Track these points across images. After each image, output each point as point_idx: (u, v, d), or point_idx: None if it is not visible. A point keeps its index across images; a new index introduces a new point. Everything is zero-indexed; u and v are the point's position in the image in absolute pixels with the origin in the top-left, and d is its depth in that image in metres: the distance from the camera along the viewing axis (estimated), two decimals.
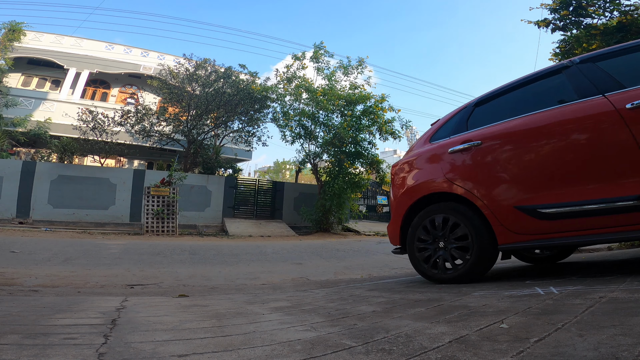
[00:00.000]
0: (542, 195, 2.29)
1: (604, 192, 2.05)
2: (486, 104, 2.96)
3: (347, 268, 4.74)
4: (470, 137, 2.73)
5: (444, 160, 2.84)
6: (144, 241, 7.05)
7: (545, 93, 2.66)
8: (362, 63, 12.70)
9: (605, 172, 2.10)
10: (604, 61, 2.39)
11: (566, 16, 5.93)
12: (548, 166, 2.33)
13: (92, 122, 12.67)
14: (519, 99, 2.76)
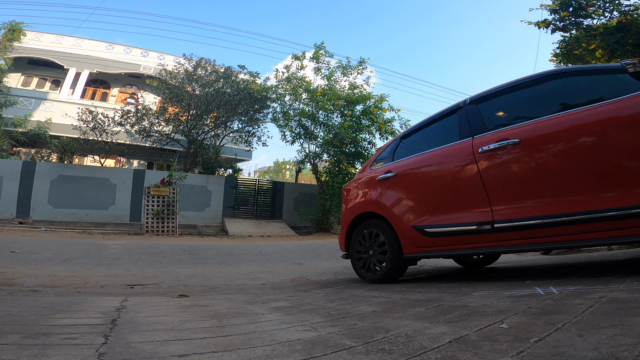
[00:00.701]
0: (427, 218, 2.89)
1: (461, 219, 2.64)
2: (407, 138, 3.55)
3: (347, 268, 4.74)
4: (390, 168, 3.35)
5: (375, 185, 3.45)
6: (144, 241, 7.05)
7: (442, 132, 3.18)
8: (362, 63, 12.71)
9: (463, 203, 2.67)
10: (483, 103, 2.85)
11: (566, 17, 5.93)
12: (431, 196, 2.95)
13: (92, 122, 12.66)
14: (426, 136, 3.36)
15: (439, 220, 2.79)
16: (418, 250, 2.94)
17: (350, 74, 12.70)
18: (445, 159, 2.89)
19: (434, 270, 4.52)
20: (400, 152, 3.47)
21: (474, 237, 2.59)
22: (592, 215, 2.03)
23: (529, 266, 4.06)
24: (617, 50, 5.66)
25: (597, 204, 2.02)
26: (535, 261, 4.90)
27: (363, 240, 3.43)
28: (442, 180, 2.88)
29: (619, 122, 2.07)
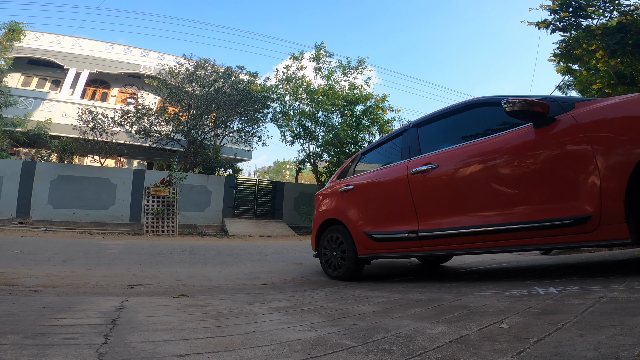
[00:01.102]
0: (374, 226, 3.38)
1: (398, 228, 3.13)
2: (366, 155, 4.06)
3: None
4: (349, 181, 3.87)
5: (338, 196, 3.96)
6: (144, 241, 7.05)
7: (391, 151, 3.61)
8: (362, 63, 12.70)
9: (399, 215, 3.15)
10: (422, 127, 3.29)
11: (566, 17, 5.93)
12: (378, 208, 3.44)
13: (92, 122, 12.66)
14: (379, 154, 3.86)
15: (383, 228, 3.30)
16: (369, 252, 3.44)
17: (350, 74, 12.70)
18: (388, 177, 3.38)
19: (434, 270, 4.52)
20: (359, 167, 4.00)
21: (406, 243, 3.08)
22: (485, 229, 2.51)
23: (529, 266, 4.06)
24: (617, 51, 5.66)
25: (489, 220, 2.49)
26: (535, 261, 4.90)
27: (328, 243, 3.97)
28: (386, 195, 3.38)
29: (503, 153, 2.49)
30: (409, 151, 3.25)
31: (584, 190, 2.08)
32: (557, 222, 2.16)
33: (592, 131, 2.11)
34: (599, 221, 2.01)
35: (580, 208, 2.08)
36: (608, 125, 2.09)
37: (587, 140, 2.10)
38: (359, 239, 3.50)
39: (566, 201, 2.15)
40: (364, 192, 3.64)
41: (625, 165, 1.93)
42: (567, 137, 2.20)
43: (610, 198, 1.97)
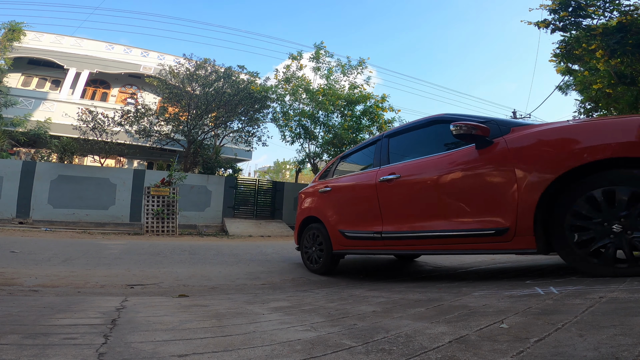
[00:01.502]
0: (347, 225, 3.73)
1: (366, 228, 3.46)
2: (344, 159, 4.46)
3: (347, 268, 4.74)
4: (328, 183, 4.22)
5: (318, 196, 4.30)
6: (144, 241, 7.05)
7: (366, 158, 3.92)
8: (362, 63, 12.70)
9: (368, 216, 3.46)
10: (393, 138, 3.60)
11: (566, 17, 5.93)
12: (351, 209, 3.77)
13: (92, 122, 12.65)
14: (355, 160, 4.26)
15: (355, 228, 3.64)
16: (342, 248, 3.80)
17: (350, 74, 12.70)
18: (361, 182, 3.71)
19: (434, 270, 4.52)
20: (338, 169, 4.39)
21: (372, 242, 3.42)
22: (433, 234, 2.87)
23: (529, 266, 4.06)
24: (617, 51, 5.65)
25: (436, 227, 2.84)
26: (535, 261, 4.89)
27: (308, 240, 4.39)
28: (358, 198, 3.71)
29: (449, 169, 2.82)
30: (379, 160, 3.59)
31: (505, 207, 2.40)
32: (485, 231, 2.51)
33: (516, 155, 2.41)
34: (515, 233, 2.35)
35: (502, 221, 2.42)
36: (527, 151, 2.39)
37: (512, 163, 2.41)
38: (334, 236, 3.88)
39: (493, 215, 2.49)
40: (340, 194, 4.01)
41: (536, 187, 2.26)
42: (498, 159, 2.50)
43: (524, 214, 2.30)
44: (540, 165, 2.28)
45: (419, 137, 3.40)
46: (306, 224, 4.47)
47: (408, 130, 3.53)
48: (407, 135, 3.53)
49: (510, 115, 21.85)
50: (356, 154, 4.27)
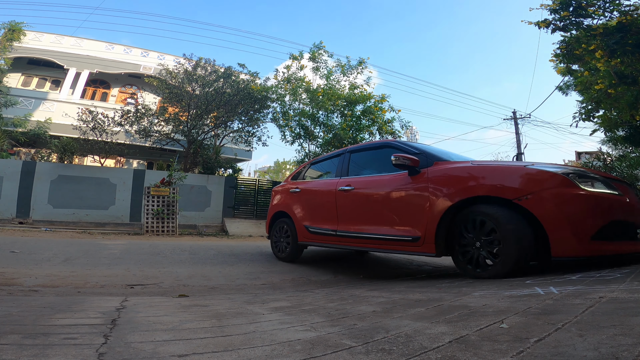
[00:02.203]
0: (311, 222, 4.49)
1: (326, 226, 4.24)
2: (313, 165, 5.21)
3: (347, 268, 4.74)
4: (298, 185, 4.98)
5: (289, 194, 5.03)
6: (144, 241, 7.04)
7: (331, 167, 4.68)
8: (362, 63, 12.70)
9: (328, 217, 4.23)
10: (354, 154, 4.40)
11: (566, 17, 5.92)
12: (315, 209, 4.51)
13: (92, 122, 12.65)
14: (323, 167, 5.00)
15: (317, 225, 4.39)
16: (305, 240, 4.58)
17: (350, 74, 12.69)
18: (325, 188, 4.44)
19: (434, 270, 4.52)
20: (308, 173, 5.14)
21: (329, 238, 4.19)
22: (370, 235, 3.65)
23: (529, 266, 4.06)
24: (617, 51, 5.65)
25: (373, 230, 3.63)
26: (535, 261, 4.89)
27: (277, 232, 5.15)
28: (321, 200, 4.42)
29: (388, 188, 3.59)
30: (341, 171, 4.37)
31: (421, 221, 3.19)
32: (406, 238, 3.30)
33: (432, 183, 3.20)
34: (424, 241, 3.15)
35: (417, 232, 3.22)
36: (439, 181, 3.18)
37: (428, 190, 3.20)
38: (300, 230, 4.65)
39: (412, 226, 3.28)
40: (307, 195, 4.74)
41: (440, 209, 3.05)
42: (421, 185, 3.28)
43: (430, 228, 3.09)
44: (444, 194, 3.08)
45: (372, 156, 4.27)
46: (277, 217, 5.21)
47: (365, 149, 4.44)
48: (364, 153, 4.40)
49: (510, 116, 21.90)
50: (324, 162, 5.06)
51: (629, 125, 9.06)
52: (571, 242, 2.53)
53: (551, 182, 2.68)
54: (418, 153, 3.48)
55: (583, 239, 2.54)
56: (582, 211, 2.59)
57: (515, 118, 21.58)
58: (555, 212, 2.58)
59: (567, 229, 2.55)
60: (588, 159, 19.28)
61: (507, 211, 2.72)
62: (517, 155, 20.87)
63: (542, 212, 2.60)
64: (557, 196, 2.61)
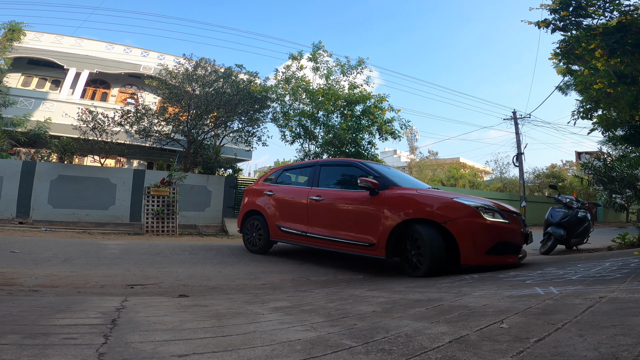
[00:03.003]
0: (283, 222, 5.18)
1: (297, 227, 4.96)
2: (287, 171, 5.96)
3: (347, 268, 4.74)
4: (272, 188, 5.59)
5: (263, 195, 5.63)
6: (144, 241, 7.04)
7: (303, 175, 5.52)
8: (361, 63, 12.68)
9: (300, 220, 4.97)
10: (323, 167, 5.18)
11: (566, 16, 5.91)
12: (288, 211, 5.20)
13: (92, 122, 12.63)
14: (295, 174, 5.83)
15: (289, 225, 5.09)
16: (277, 237, 5.30)
17: (350, 74, 12.68)
18: (297, 194, 5.19)
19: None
20: (281, 178, 5.82)
21: (299, 237, 4.96)
22: (335, 239, 4.50)
23: (529, 266, 4.06)
24: (617, 51, 5.65)
25: (338, 235, 4.48)
26: (536, 261, 4.89)
27: (250, 227, 5.76)
28: (294, 205, 5.14)
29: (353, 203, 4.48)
30: (312, 182, 5.09)
31: (376, 231, 4.07)
32: (364, 243, 4.18)
33: (387, 203, 4.09)
34: (377, 246, 4.04)
35: (373, 239, 4.09)
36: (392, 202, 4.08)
37: (384, 208, 4.09)
38: (272, 228, 5.30)
39: (370, 234, 4.14)
40: (281, 198, 5.37)
41: (391, 224, 3.96)
42: (379, 203, 4.15)
43: (383, 237, 3.98)
44: (394, 213, 3.99)
45: (340, 171, 5.11)
46: (249, 215, 5.79)
47: (334, 165, 5.34)
48: (333, 168, 5.21)
49: (510, 116, 21.90)
50: (296, 170, 5.95)
51: (628, 125, 9.06)
52: (473, 255, 3.59)
53: (465, 212, 3.72)
54: (378, 177, 4.37)
55: (480, 253, 3.61)
56: (481, 233, 3.64)
57: (515, 118, 21.57)
58: (465, 233, 3.62)
59: (471, 246, 3.59)
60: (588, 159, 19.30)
61: (431, 230, 3.69)
62: (517, 155, 20.86)
63: (458, 233, 3.61)
64: (468, 222, 3.65)
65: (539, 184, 27.95)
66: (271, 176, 5.95)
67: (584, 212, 6.29)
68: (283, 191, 5.45)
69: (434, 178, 28.52)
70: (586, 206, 7.23)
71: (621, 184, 8.49)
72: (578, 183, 19.71)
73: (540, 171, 28.59)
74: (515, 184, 25.72)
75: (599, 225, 15.58)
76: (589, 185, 10.65)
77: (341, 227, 4.48)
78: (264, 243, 5.46)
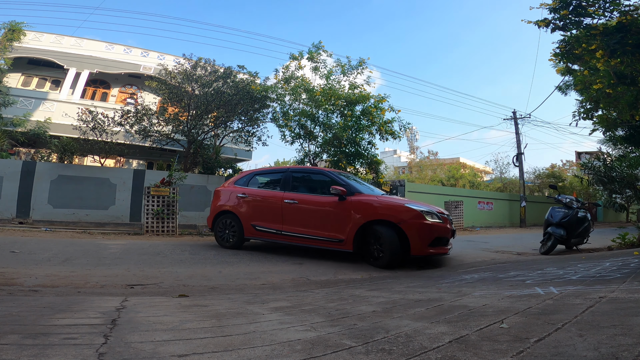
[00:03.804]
0: (258, 222, 5.80)
1: (272, 226, 5.63)
2: (258, 176, 6.55)
3: (347, 268, 4.74)
4: (245, 191, 6.16)
5: (236, 197, 6.17)
6: (144, 241, 7.04)
7: (275, 180, 6.18)
8: (362, 63, 12.67)
9: (275, 220, 5.63)
10: (294, 174, 6.00)
11: (566, 16, 5.91)
12: (263, 212, 5.84)
13: (92, 122, 12.62)
14: (267, 179, 6.45)
15: (264, 224, 5.74)
16: (251, 235, 5.91)
17: (350, 74, 12.66)
18: (272, 197, 5.84)
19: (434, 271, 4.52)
20: (252, 182, 6.38)
21: (274, 235, 5.64)
22: (308, 236, 5.30)
23: (529, 266, 4.06)
24: (617, 51, 5.65)
25: (310, 232, 5.28)
26: (536, 261, 4.89)
27: (222, 226, 6.21)
28: (269, 206, 5.80)
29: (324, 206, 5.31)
30: (285, 187, 5.79)
31: (345, 229, 4.99)
32: (334, 240, 5.09)
33: (353, 207, 5.00)
34: (345, 242, 4.95)
35: (342, 236, 5.00)
36: (357, 206, 5.01)
37: (351, 211, 5.00)
38: (246, 227, 5.90)
39: (339, 232, 5.04)
40: (255, 201, 5.99)
41: (357, 224, 4.88)
42: (346, 207, 5.05)
43: (350, 234, 4.90)
44: (359, 215, 4.93)
45: (310, 178, 6.02)
46: (221, 214, 6.26)
47: (305, 172, 6.31)
48: (304, 175, 6.12)
49: (510, 116, 21.90)
50: (268, 175, 6.63)
51: (628, 125, 9.06)
52: (419, 247, 4.66)
53: (413, 214, 4.77)
54: (345, 185, 5.25)
55: (425, 246, 4.70)
56: (425, 231, 4.72)
57: (515, 118, 21.57)
58: (414, 231, 4.66)
59: (418, 240, 4.67)
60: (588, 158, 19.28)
61: (389, 230, 4.71)
62: (517, 155, 20.84)
63: (408, 231, 4.65)
64: (416, 223, 4.71)
65: (539, 184, 27.95)
66: (241, 180, 6.50)
67: (584, 212, 6.29)
68: (257, 194, 6.02)
69: (434, 178, 28.51)
70: (586, 206, 7.23)
71: (621, 184, 8.48)
72: (578, 183, 19.72)
73: (540, 171, 28.60)
74: (515, 184, 25.71)
75: (599, 225, 15.58)
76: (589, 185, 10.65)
77: (314, 227, 5.27)
78: (237, 240, 6.00)
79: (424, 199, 15.95)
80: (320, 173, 5.87)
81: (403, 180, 16.99)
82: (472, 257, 5.81)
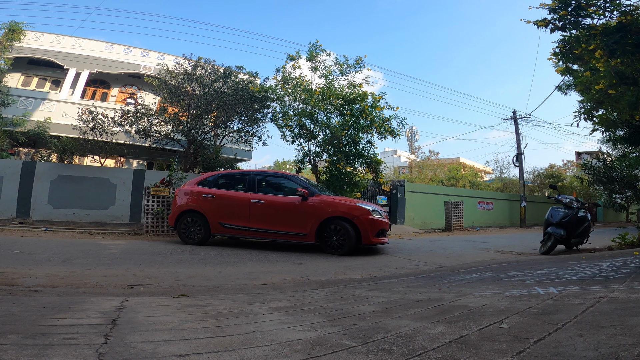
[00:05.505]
0: (226, 220, 6.36)
1: (240, 223, 6.32)
2: (222, 177, 7.14)
3: (347, 268, 4.74)
4: (211, 192, 6.62)
5: (201, 197, 6.63)
6: (144, 241, 7.04)
7: (240, 182, 6.77)
8: (359, 62, 12.66)
9: (242, 218, 6.30)
10: (257, 177, 6.73)
11: (565, 16, 5.90)
12: (230, 210, 6.40)
13: (92, 122, 12.62)
14: (233, 181, 6.96)
15: (231, 222, 6.34)
16: (218, 232, 6.46)
17: (349, 73, 12.65)
18: (239, 197, 6.43)
19: (434, 270, 4.52)
20: (217, 184, 6.82)
21: (242, 231, 6.31)
22: (273, 231, 6.16)
23: (529, 266, 4.06)
24: (617, 51, 5.64)
25: (276, 228, 6.14)
26: (536, 261, 4.89)
27: (186, 223, 6.61)
28: (236, 205, 6.38)
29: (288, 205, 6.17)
30: (251, 188, 6.47)
31: (308, 225, 5.91)
32: (299, 233, 5.97)
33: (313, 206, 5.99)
34: (308, 235, 5.91)
35: (305, 229, 5.92)
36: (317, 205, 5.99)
37: (312, 209, 5.97)
38: (213, 225, 6.42)
39: (302, 227, 5.94)
40: (222, 200, 6.48)
41: (317, 219, 5.90)
42: (308, 206, 5.97)
43: (312, 229, 5.89)
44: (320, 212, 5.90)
45: (274, 180, 6.88)
46: (185, 213, 6.64)
47: (269, 175, 7.26)
48: (268, 178, 6.90)
49: (510, 116, 21.91)
50: (232, 177, 7.19)
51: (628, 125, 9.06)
52: (369, 238, 5.76)
53: (364, 211, 5.91)
54: (306, 187, 6.13)
55: (371, 236, 5.79)
56: (372, 225, 5.87)
57: (515, 118, 21.57)
58: (364, 225, 5.76)
59: (368, 232, 5.75)
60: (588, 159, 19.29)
61: (347, 223, 5.76)
62: (517, 155, 20.84)
63: (360, 225, 5.74)
64: (366, 218, 5.82)
65: (538, 183, 27.95)
66: (205, 181, 6.94)
67: (584, 212, 6.29)
68: (224, 195, 6.54)
69: (434, 178, 28.51)
70: (586, 206, 7.23)
71: (621, 184, 8.49)
72: (578, 183, 19.71)
73: (538, 171, 28.60)
74: (515, 184, 25.70)
75: (599, 225, 15.58)
76: (589, 185, 10.65)
77: (280, 223, 6.08)
78: (203, 237, 6.47)
79: (424, 198, 15.95)
80: (283, 176, 7.04)
81: (403, 180, 16.98)
82: (472, 257, 5.82)
